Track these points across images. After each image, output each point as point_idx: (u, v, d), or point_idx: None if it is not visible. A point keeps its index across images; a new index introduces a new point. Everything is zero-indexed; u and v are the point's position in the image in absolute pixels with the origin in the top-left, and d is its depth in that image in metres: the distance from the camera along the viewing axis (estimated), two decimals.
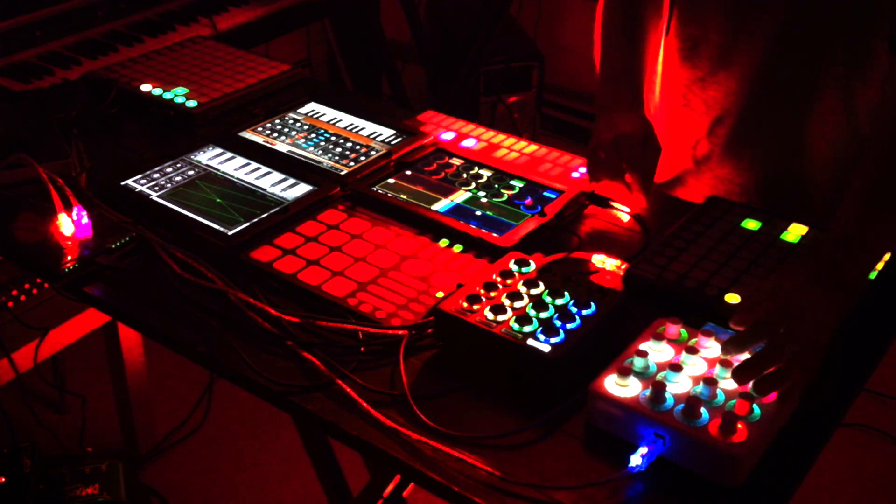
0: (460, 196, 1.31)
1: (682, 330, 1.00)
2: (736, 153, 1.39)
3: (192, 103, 1.56)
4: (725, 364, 0.95)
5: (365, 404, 0.97)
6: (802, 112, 1.33)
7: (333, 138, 1.47)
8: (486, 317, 1.01)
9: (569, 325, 1.00)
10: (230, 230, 1.23)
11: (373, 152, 1.42)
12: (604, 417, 0.94)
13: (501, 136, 1.48)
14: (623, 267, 1.17)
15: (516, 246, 1.19)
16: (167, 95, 1.58)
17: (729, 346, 0.97)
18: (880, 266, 1.14)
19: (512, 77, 3.34)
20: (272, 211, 1.28)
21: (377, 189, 1.32)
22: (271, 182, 1.35)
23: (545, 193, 1.31)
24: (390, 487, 1.92)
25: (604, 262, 1.19)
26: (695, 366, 0.96)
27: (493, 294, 1.04)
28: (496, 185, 1.33)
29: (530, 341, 0.98)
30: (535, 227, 1.23)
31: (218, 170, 1.38)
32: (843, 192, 1.37)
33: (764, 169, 1.38)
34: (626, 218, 1.30)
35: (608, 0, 1.48)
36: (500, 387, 1.00)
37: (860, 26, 1.25)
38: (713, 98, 1.37)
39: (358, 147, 1.44)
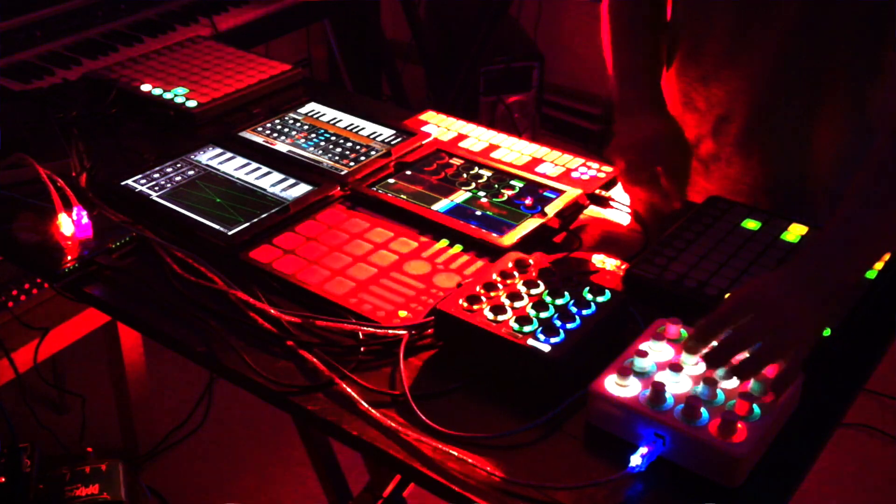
0: (460, 196, 1.31)
1: (682, 330, 1.00)
2: (744, 153, 1.39)
3: (192, 103, 1.56)
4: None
5: (365, 404, 0.97)
6: (811, 111, 1.33)
7: (333, 138, 1.47)
8: (486, 317, 1.01)
9: (569, 325, 1.00)
10: (230, 230, 1.23)
11: (373, 152, 1.42)
12: (604, 417, 0.94)
13: (501, 136, 1.48)
14: (623, 267, 1.17)
15: (516, 246, 1.19)
16: (167, 95, 1.58)
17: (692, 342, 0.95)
18: (880, 266, 1.14)
19: (512, 77, 3.34)
20: (272, 211, 1.28)
21: (377, 189, 1.32)
22: (271, 182, 1.35)
23: (545, 193, 1.31)
24: (390, 487, 1.92)
25: (604, 262, 1.19)
26: (695, 366, 0.96)
27: (493, 294, 1.04)
28: (496, 185, 1.33)
29: (530, 341, 0.98)
30: (535, 227, 1.23)
31: (218, 170, 1.38)
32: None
33: (772, 169, 1.38)
34: (626, 221, 1.30)
35: (612, 1, 1.47)
36: (500, 387, 1.00)
37: (870, 25, 1.25)
38: (716, 97, 1.37)
39: (358, 147, 1.44)
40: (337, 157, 1.41)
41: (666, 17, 1.44)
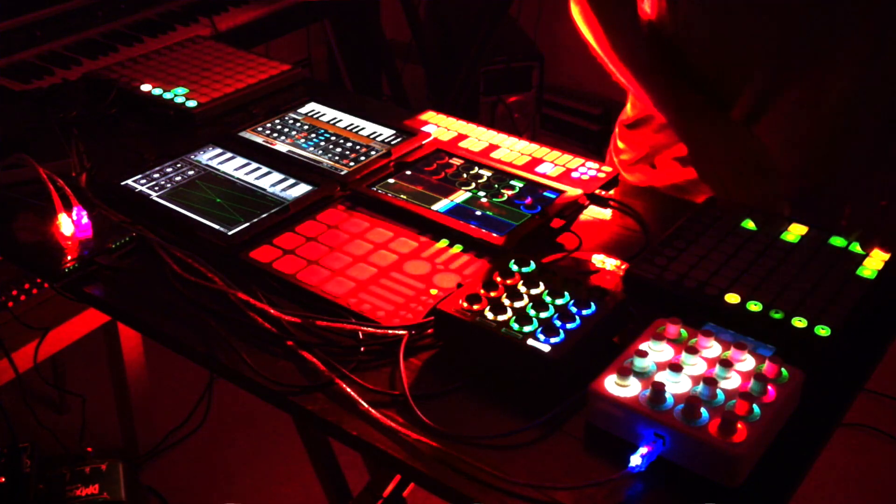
0: (460, 196, 1.31)
1: (682, 330, 1.00)
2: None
3: (192, 103, 1.56)
4: (725, 364, 0.95)
5: (365, 404, 0.97)
6: (813, 103, 1.33)
7: (333, 138, 1.47)
8: (486, 317, 1.01)
9: (569, 325, 1.00)
10: (230, 230, 1.23)
11: (373, 152, 1.42)
12: (604, 417, 0.94)
13: (501, 136, 1.48)
14: (623, 267, 1.17)
15: (516, 246, 1.19)
16: (167, 95, 1.58)
17: None
18: (880, 265, 1.14)
19: (512, 77, 3.34)
20: (272, 211, 1.28)
21: (377, 189, 1.32)
22: (271, 182, 1.35)
23: (545, 193, 1.31)
24: (390, 487, 1.92)
25: (604, 262, 1.19)
26: (695, 366, 0.96)
27: (493, 294, 1.04)
28: (496, 185, 1.33)
29: (530, 341, 0.98)
30: (535, 227, 1.23)
31: (218, 170, 1.38)
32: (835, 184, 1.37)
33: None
34: (626, 221, 1.30)
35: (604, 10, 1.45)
36: (501, 387, 1.00)
37: (876, 15, 1.26)
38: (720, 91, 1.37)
39: (358, 147, 1.44)
40: (337, 157, 1.41)
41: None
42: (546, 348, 0.97)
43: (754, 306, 1.07)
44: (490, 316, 1.01)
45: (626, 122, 1.55)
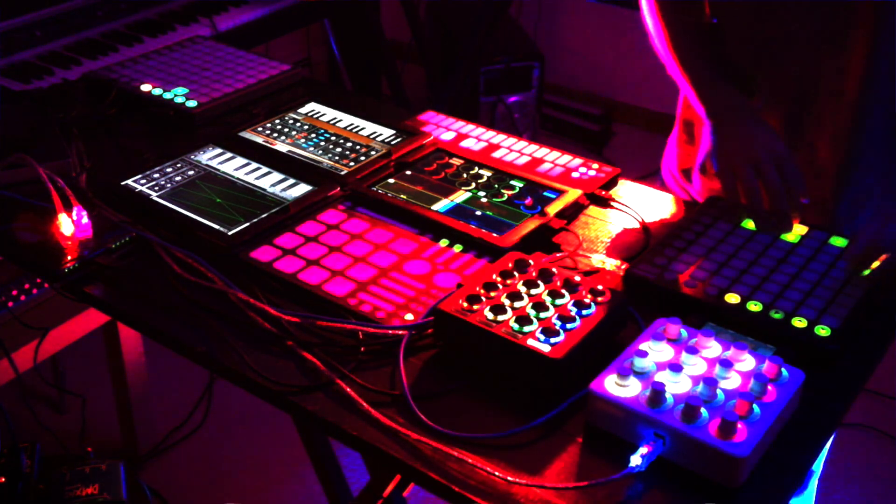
0: (460, 196, 1.31)
1: (682, 330, 1.00)
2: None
3: (192, 103, 1.56)
4: (725, 364, 0.95)
5: (365, 404, 0.97)
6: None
7: (333, 138, 1.47)
8: (486, 317, 1.01)
9: (569, 325, 1.00)
10: (230, 230, 1.23)
11: (373, 152, 1.42)
12: (604, 417, 0.94)
13: (501, 136, 1.48)
14: (623, 267, 1.17)
15: (516, 246, 1.19)
16: (167, 95, 1.58)
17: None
18: (877, 264, 1.14)
19: (512, 77, 3.34)
20: (272, 211, 1.28)
21: (377, 189, 1.32)
22: (271, 182, 1.35)
23: (545, 193, 1.31)
24: (390, 487, 1.92)
25: (604, 262, 1.19)
26: (695, 366, 0.96)
27: (493, 294, 1.04)
28: (496, 185, 1.33)
29: (530, 341, 0.98)
30: (535, 227, 1.23)
31: (218, 170, 1.38)
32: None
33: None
34: (626, 221, 1.30)
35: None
36: (500, 387, 1.00)
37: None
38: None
39: (358, 147, 1.44)
40: (337, 157, 1.41)
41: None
42: (546, 348, 0.97)
43: (754, 306, 1.07)
44: (490, 316, 1.01)
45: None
